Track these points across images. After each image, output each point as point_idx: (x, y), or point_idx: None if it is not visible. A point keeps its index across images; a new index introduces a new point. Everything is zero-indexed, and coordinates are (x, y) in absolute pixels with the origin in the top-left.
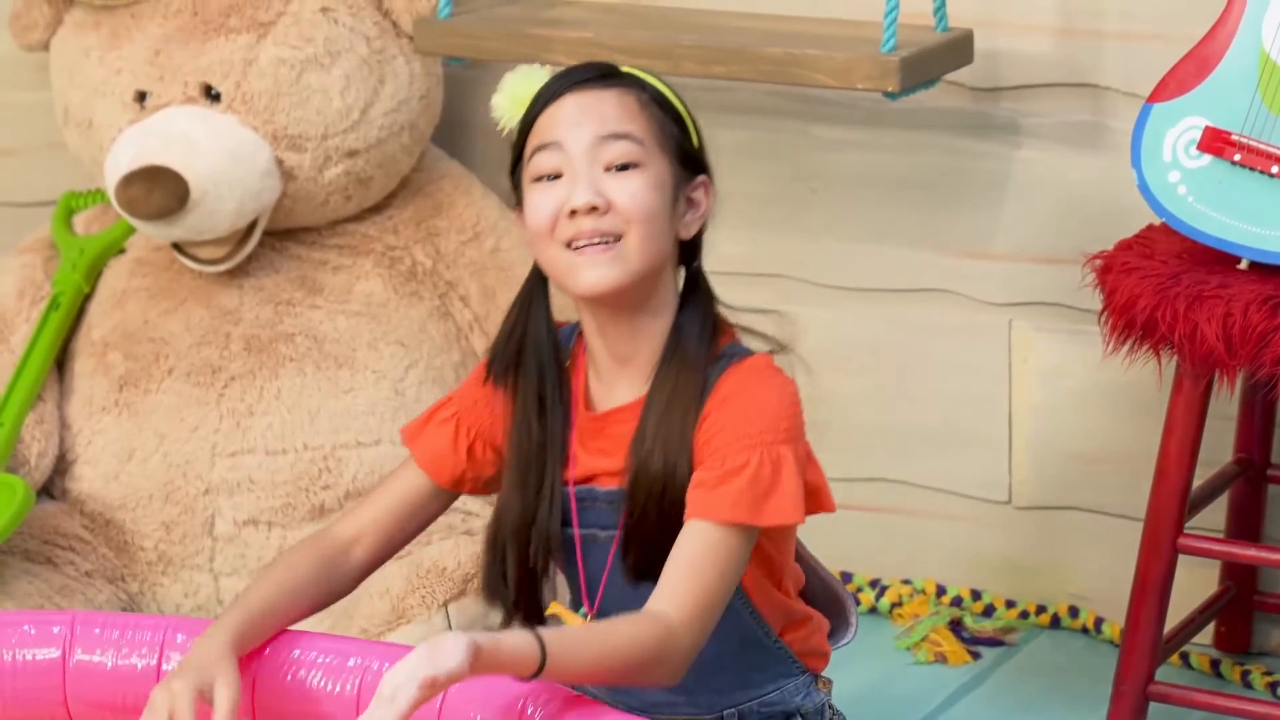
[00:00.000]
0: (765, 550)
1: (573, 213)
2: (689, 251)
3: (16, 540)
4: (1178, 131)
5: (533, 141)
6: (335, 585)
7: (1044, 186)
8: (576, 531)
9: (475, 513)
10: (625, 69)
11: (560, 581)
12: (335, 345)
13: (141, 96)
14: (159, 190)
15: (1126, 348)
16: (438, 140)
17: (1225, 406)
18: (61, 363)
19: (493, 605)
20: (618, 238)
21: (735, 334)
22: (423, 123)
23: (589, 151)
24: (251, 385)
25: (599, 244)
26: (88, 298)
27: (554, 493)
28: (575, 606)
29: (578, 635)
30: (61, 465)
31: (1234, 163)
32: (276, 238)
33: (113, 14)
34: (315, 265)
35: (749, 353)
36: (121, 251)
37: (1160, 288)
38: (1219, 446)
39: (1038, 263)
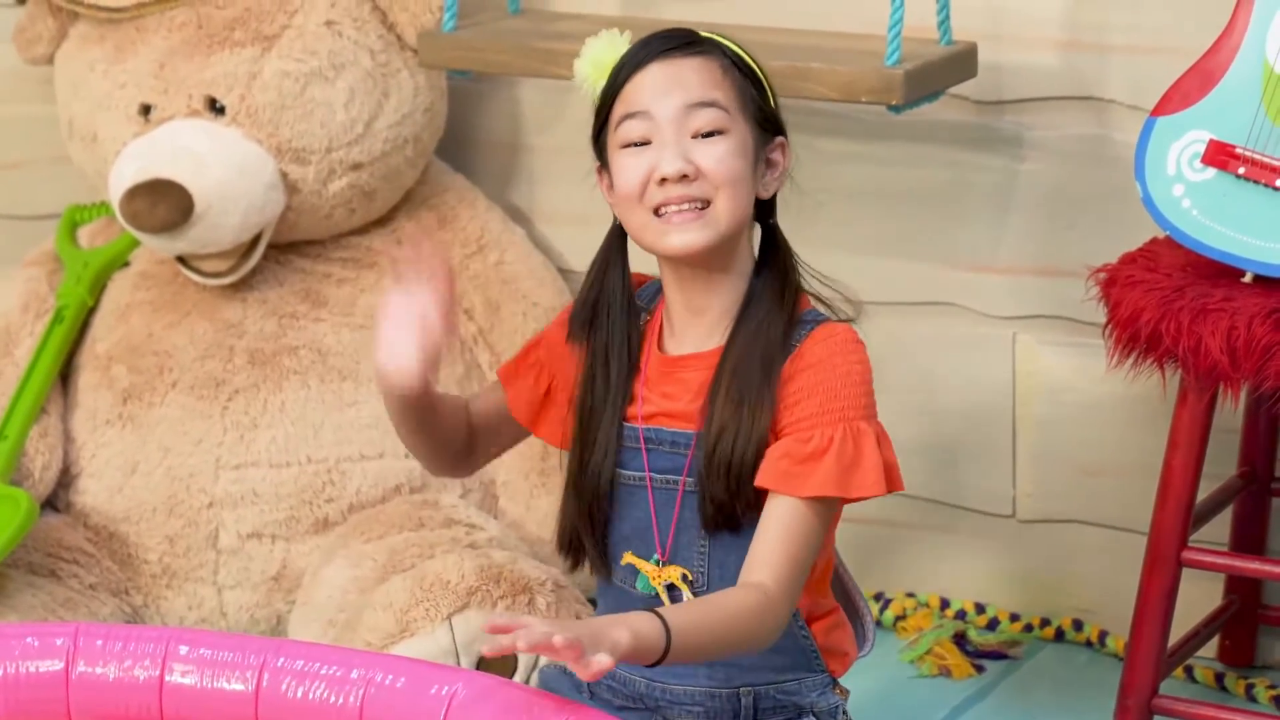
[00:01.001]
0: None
1: (662, 180)
2: (763, 209)
3: (20, 553)
4: (1182, 145)
5: (619, 109)
6: (460, 437)
7: (1048, 199)
8: (649, 474)
9: (479, 525)
10: (704, 34)
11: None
12: (339, 358)
13: (146, 110)
14: (163, 204)
15: (1131, 361)
16: (441, 153)
17: (1229, 420)
18: (65, 376)
19: (566, 559)
20: (707, 203)
21: (809, 299)
22: (427, 136)
23: (677, 119)
24: (255, 398)
25: (688, 209)
26: (92, 311)
27: (610, 440)
28: (646, 554)
29: (694, 616)
30: (65, 478)
31: (1238, 176)
32: (280, 251)
33: (117, 27)
34: (319, 278)
35: (829, 318)
36: (125, 265)
37: (1164, 301)
38: (1223, 460)
39: (1042, 276)
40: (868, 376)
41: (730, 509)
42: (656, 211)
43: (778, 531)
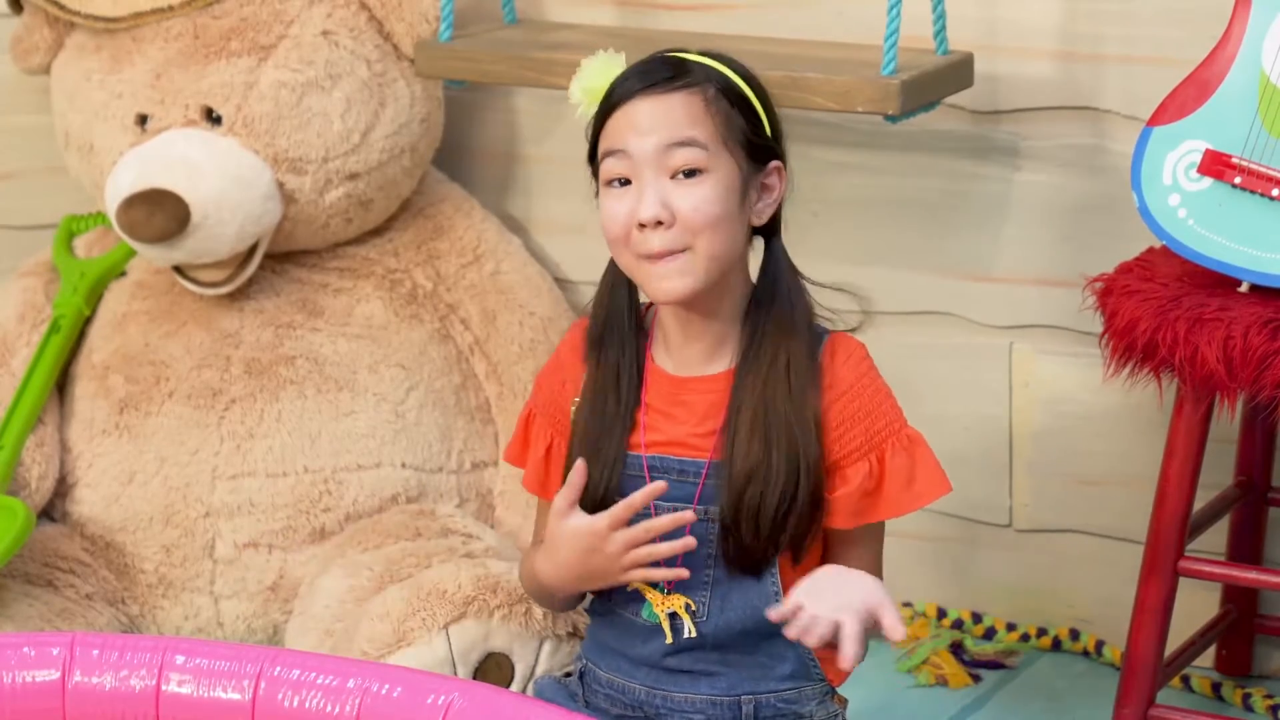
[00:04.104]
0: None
1: (641, 225)
2: (766, 228)
3: (17, 563)
4: (1178, 154)
5: (604, 144)
6: None
7: (1044, 209)
8: (652, 504)
9: (476, 535)
10: (696, 58)
11: None
12: (336, 368)
13: (142, 120)
14: (160, 213)
15: (1127, 370)
16: (438, 163)
17: (1226, 429)
18: (62, 386)
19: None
20: (686, 249)
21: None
22: (423, 145)
23: (655, 159)
24: (252, 408)
25: (669, 257)
26: (88, 321)
27: (615, 462)
28: (654, 582)
29: None
30: (62, 488)
31: (1234, 186)
32: (277, 260)
33: (114, 37)
34: (316, 288)
35: (830, 329)
36: (122, 274)
37: (1161, 310)
38: (1220, 469)
39: (1038, 285)
40: (887, 385)
41: (756, 552)
42: (645, 257)
43: (869, 553)
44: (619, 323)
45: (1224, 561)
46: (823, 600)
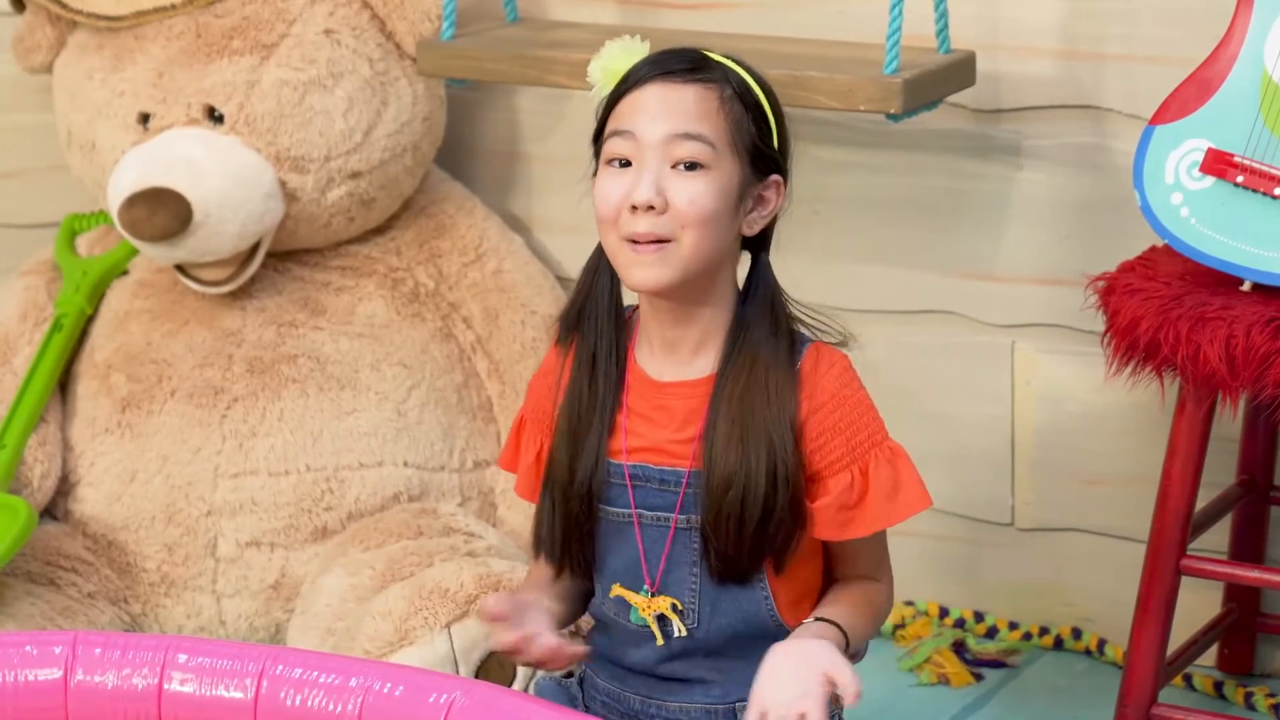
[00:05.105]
0: (810, 565)
1: (634, 207)
2: (756, 242)
3: (19, 562)
4: (1180, 153)
5: (612, 123)
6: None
7: (1046, 208)
8: (634, 511)
9: (478, 534)
10: (717, 57)
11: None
12: (338, 366)
13: (144, 118)
14: (162, 212)
15: (1129, 369)
16: (440, 162)
17: (1228, 428)
18: (64, 384)
19: (546, 561)
20: (671, 240)
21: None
22: (425, 144)
23: (660, 147)
24: (254, 407)
25: (652, 243)
26: (90, 319)
27: (598, 458)
28: (635, 586)
29: (852, 614)
30: (64, 487)
31: (1236, 184)
32: (279, 259)
33: (116, 36)
34: (318, 287)
35: (814, 339)
36: (124, 273)
37: (1163, 309)
38: (1222, 468)
39: (1040, 284)
40: (869, 398)
41: (738, 562)
42: (629, 239)
43: (859, 554)
44: (597, 309)
45: (1226, 560)
46: (785, 689)
